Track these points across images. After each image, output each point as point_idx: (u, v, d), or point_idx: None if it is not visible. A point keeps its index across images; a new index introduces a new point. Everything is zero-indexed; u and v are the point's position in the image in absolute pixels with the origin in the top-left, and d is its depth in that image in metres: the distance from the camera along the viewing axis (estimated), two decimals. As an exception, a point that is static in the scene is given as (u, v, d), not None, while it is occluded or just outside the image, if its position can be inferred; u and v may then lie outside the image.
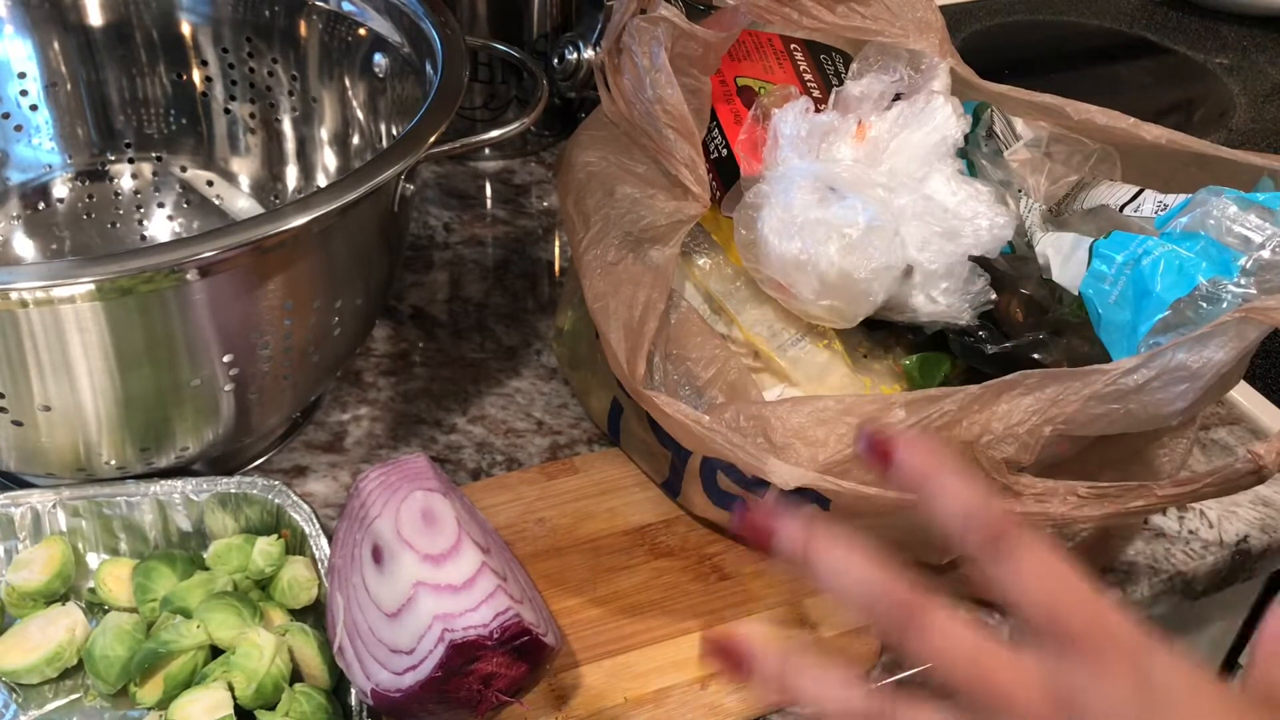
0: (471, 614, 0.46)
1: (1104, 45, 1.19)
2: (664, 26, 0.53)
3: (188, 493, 0.55)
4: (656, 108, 0.54)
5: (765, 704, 0.52)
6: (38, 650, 0.50)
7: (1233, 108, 1.07)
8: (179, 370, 0.50)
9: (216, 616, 0.50)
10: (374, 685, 0.46)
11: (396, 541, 0.50)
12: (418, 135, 0.53)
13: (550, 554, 0.58)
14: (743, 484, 0.56)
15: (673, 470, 0.59)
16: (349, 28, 0.67)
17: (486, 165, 0.90)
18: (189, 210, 0.75)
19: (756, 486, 0.56)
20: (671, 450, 0.58)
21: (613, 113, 0.57)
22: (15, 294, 0.44)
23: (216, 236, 0.46)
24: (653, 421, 0.58)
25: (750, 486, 0.56)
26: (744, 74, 0.64)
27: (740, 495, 0.56)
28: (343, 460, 0.64)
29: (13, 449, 0.53)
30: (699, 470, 0.57)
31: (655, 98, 0.54)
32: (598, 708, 0.51)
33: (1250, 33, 1.21)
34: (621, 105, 0.56)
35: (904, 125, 0.60)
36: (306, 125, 0.72)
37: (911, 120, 0.60)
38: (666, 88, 0.53)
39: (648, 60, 0.54)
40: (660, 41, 0.53)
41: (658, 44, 0.53)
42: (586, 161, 0.59)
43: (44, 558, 0.53)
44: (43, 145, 0.72)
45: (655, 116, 0.54)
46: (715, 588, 0.57)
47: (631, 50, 0.55)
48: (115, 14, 0.70)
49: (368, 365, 0.70)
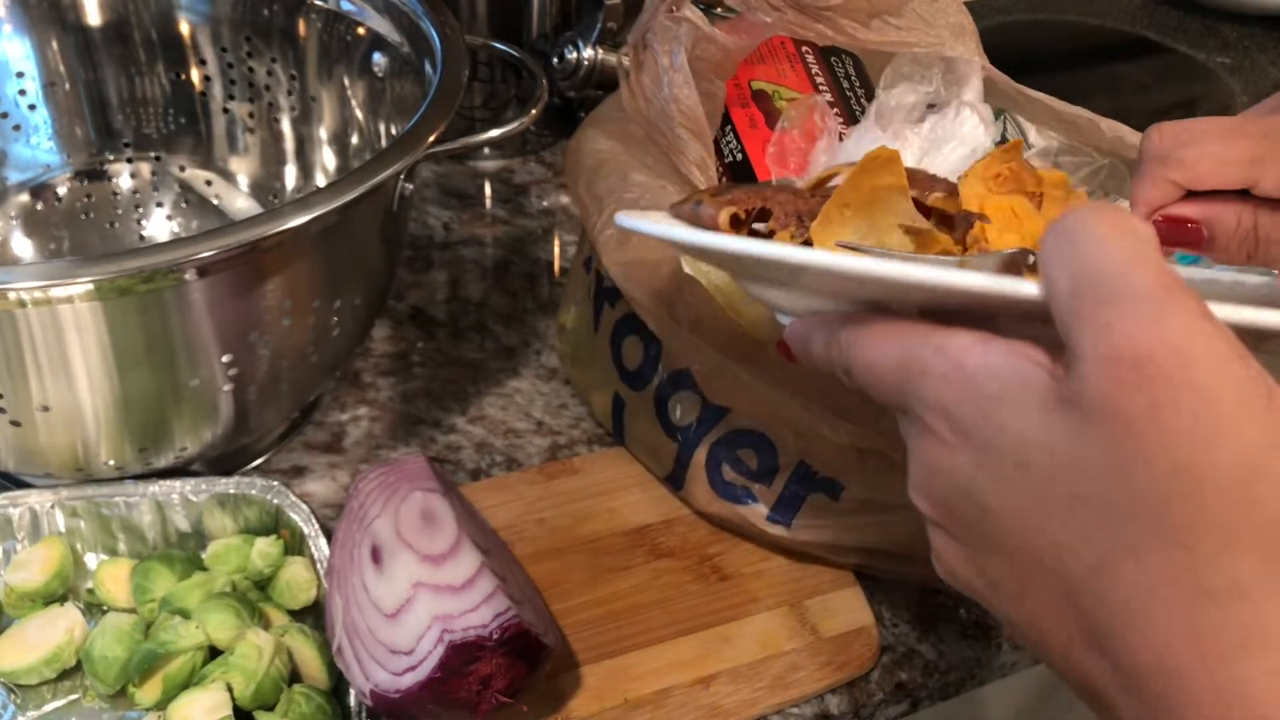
0: (471, 614, 0.46)
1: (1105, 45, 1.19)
2: (686, 28, 0.54)
3: (186, 493, 0.55)
4: (672, 106, 0.54)
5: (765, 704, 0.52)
6: (36, 651, 0.50)
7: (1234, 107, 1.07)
8: (177, 370, 0.50)
9: (215, 617, 0.50)
10: (373, 686, 0.46)
11: (396, 542, 0.49)
12: (417, 134, 0.53)
13: (550, 554, 0.58)
14: (749, 475, 0.56)
15: (677, 463, 0.59)
16: (348, 27, 0.67)
17: (486, 165, 0.90)
18: (188, 210, 0.75)
19: (763, 478, 0.56)
20: (678, 441, 0.58)
21: (631, 106, 0.57)
22: (14, 294, 0.44)
23: (215, 236, 0.46)
24: (659, 412, 0.58)
25: (756, 477, 0.56)
26: (758, 77, 0.65)
27: (745, 486, 0.56)
28: (342, 460, 0.63)
29: (11, 449, 0.53)
30: (705, 462, 0.57)
31: (671, 96, 0.54)
32: (598, 708, 0.51)
33: (1251, 32, 1.21)
34: (640, 100, 0.56)
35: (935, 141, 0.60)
36: (305, 125, 0.72)
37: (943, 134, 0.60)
38: (683, 88, 0.54)
39: (667, 60, 0.54)
40: (681, 42, 0.54)
41: (678, 44, 0.54)
42: (598, 149, 0.60)
43: (42, 558, 0.53)
44: (41, 145, 0.72)
45: (670, 115, 0.55)
46: (715, 588, 0.57)
47: (654, 48, 0.55)
48: (114, 13, 0.70)
49: (367, 365, 0.70)
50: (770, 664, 0.53)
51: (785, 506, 0.56)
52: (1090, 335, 0.28)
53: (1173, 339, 0.27)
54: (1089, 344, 0.28)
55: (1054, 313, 0.29)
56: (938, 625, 0.57)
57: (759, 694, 0.52)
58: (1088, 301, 0.28)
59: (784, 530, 0.56)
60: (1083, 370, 0.28)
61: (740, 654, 0.54)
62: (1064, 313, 0.29)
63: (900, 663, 0.55)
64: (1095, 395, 0.27)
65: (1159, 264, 0.28)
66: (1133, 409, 0.27)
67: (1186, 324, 0.27)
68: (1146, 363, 0.27)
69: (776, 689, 0.52)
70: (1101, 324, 0.27)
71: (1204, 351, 0.27)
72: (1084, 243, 0.29)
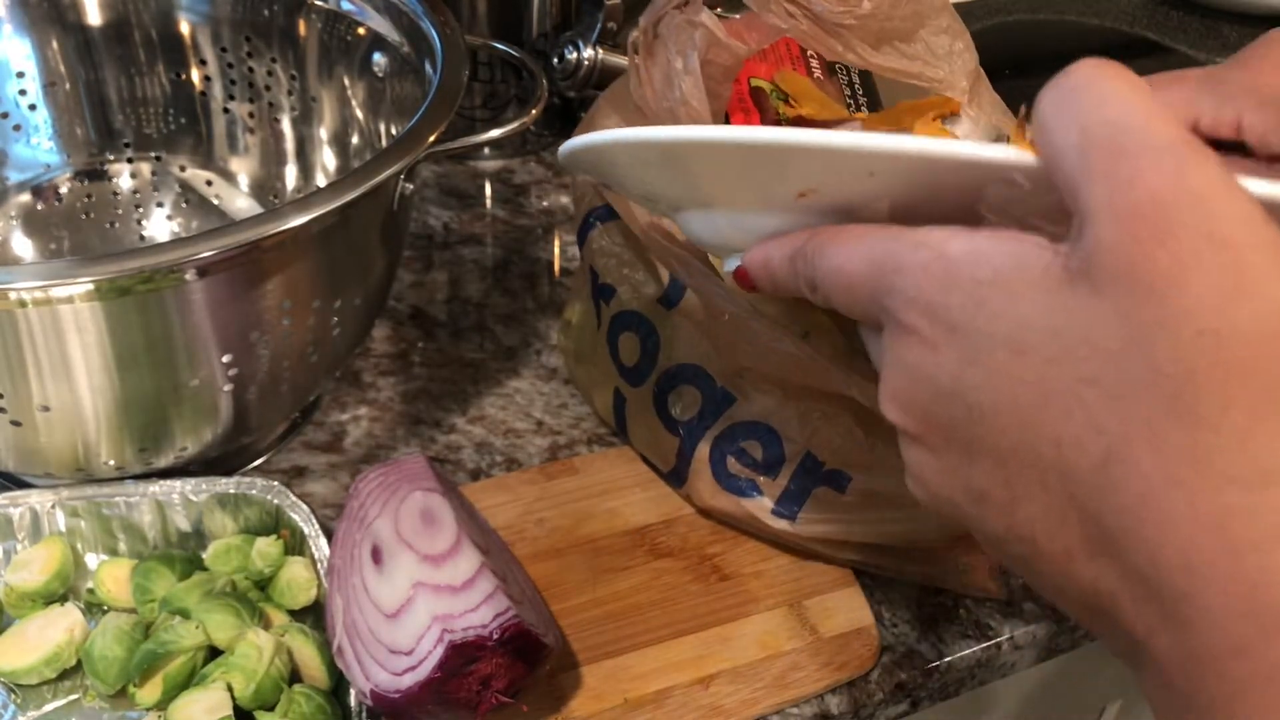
0: (471, 614, 0.46)
1: (1105, 45, 1.19)
2: (701, 32, 0.54)
3: (187, 493, 0.55)
4: (681, 109, 0.54)
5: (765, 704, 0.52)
6: (36, 651, 0.50)
7: (1233, 107, 1.07)
8: (178, 370, 0.50)
9: (215, 617, 0.50)
10: (373, 686, 0.46)
11: (396, 542, 0.49)
12: (417, 134, 0.53)
13: (550, 554, 0.58)
14: (754, 467, 0.56)
15: (679, 457, 0.59)
16: (348, 27, 0.67)
17: (486, 165, 0.90)
18: (188, 210, 0.75)
19: (768, 469, 0.56)
20: (680, 435, 0.58)
21: (638, 96, 0.57)
22: (14, 294, 0.44)
23: (215, 236, 0.46)
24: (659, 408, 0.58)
25: (762, 469, 0.56)
26: (757, 75, 0.65)
27: (750, 479, 0.56)
28: (342, 460, 0.63)
29: (11, 449, 0.53)
30: (708, 455, 0.57)
31: (681, 100, 0.54)
32: (597, 708, 0.51)
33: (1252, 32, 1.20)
34: (648, 91, 0.56)
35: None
36: (305, 125, 0.72)
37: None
38: (694, 92, 0.54)
39: (680, 62, 0.54)
40: (695, 45, 0.54)
41: (692, 47, 0.54)
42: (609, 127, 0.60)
43: (43, 558, 0.53)
44: (41, 145, 0.72)
45: (678, 117, 0.55)
46: (715, 588, 0.57)
47: (666, 44, 0.55)
48: (114, 13, 0.70)
49: (367, 365, 0.70)
50: (770, 664, 0.53)
51: (791, 500, 0.56)
52: (1106, 190, 0.25)
53: (1197, 189, 0.25)
54: (1104, 200, 0.25)
55: (1057, 175, 0.27)
56: (938, 625, 0.57)
57: (759, 694, 0.52)
58: (1103, 154, 0.26)
59: (789, 524, 0.56)
60: (1097, 232, 0.25)
61: (740, 654, 0.54)
62: (1073, 170, 0.26)
63: (900, 663, 0.55)
64: (1110, 258, 0.25)
65: (1176, 119, 0.26)
66: (1153, 268, 0.25)
67: (1211, 175, 0.25)
68: (1170, 214, 0.24)
69: (776, 689, 0.52)
70: (1122, 178, 0.25)
71: (1230, 205, 0.25)
72: (1096, 96, 0.26)
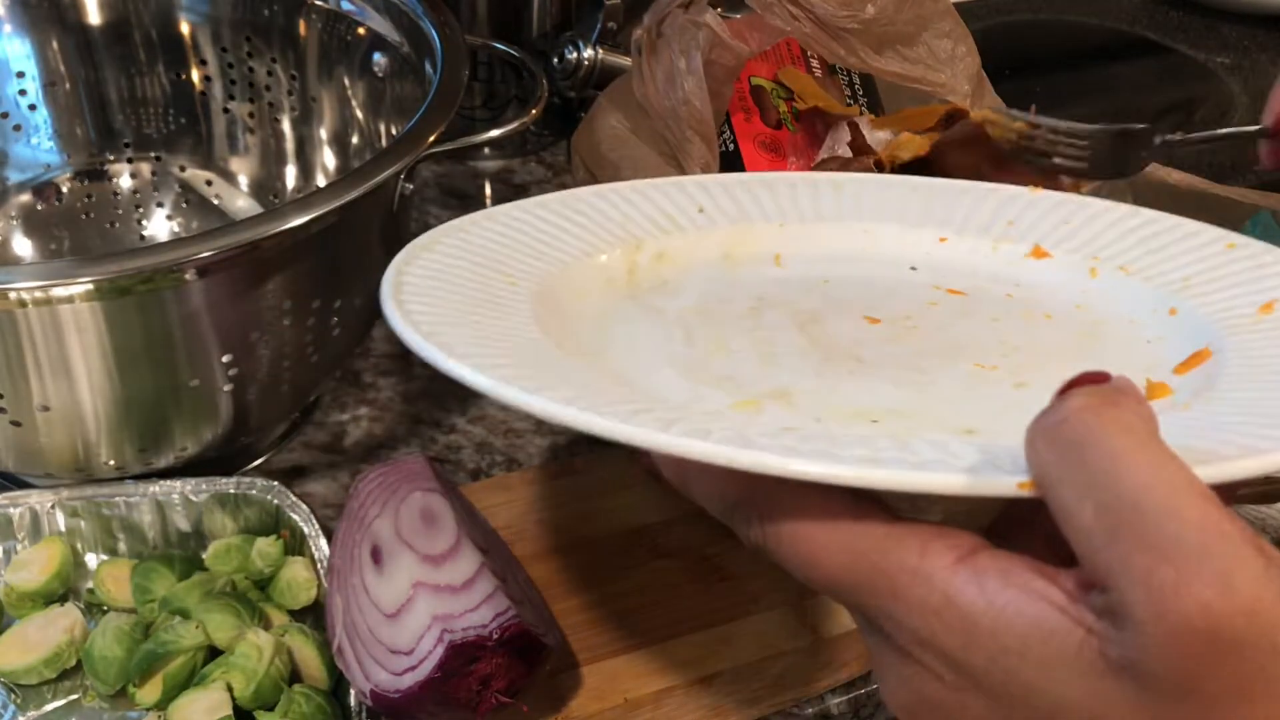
0: (471, 614, 0.46)
1: (1104, 45, 1.19)
2: (705, 33, 0.54)
3: (186, 493, 0.55)
4: (683, 109, 0.54)
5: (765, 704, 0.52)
6: (36, 651, 0.50)
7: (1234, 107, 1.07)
8: (178, 370, 0.50)
9: (215, 617, 0.50)
10: (373, 686, 0.46)
11: (396, 542, 0.49)
12: (417, 134, 0.53)
13: (550, 554, 0.58)
14: None
15: None
16: (348, 27, 0.67)
17: (486, 165, 0.90)
18: (188, 210, 0.75)
19: None
20: None
21: (641, 93, 0.57)
22: (14, 294, 0.44)
23: (215, 236, 0.46)
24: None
25: None
26: (757, 74, 0.65)
27: None
28: (342, 460, 0.63)
29: (11, 449, 0.53)
30: None
31: (684, 99, 0.54)
32: (597, 708, 0.51)
33: (1252, 32, 1.20)
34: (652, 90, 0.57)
35: None
36: (305, 125, 0.72)
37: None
38: (696, 92, 0.54)
39: (684, 62, 0.54)
40: (699, 46, 0.54)
41: (695, 48, 0.54)
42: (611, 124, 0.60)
43: (43, 558, 0.53)
44: (41, 145, 0.72)
45: (680, 116, 0.55)
46: (715, 588, 0.57)
47: (670, 44, 0.55)
48: (114, 13, 0.70)
49: (367, 365, 0.70)
50: (770, 664, 0.53)
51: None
52: (1148, 598, 0.24)
53: (1248, 603, 0.23)
54: (1149, 610, 0.24)
55: (1076, 545, 0.25)
56: (938, 625, 0.57)
57: (759, 694, 0.52)
58: (1128, 546, 0.24)
59: None
60: (1143, 639, 0.24)
61: (740, 654, 0.54)
62: (1097, 553, 0.25)
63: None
64: (1162, 668, 0.24)
65: (1198, 489, 0.25)
66: (1214, 686, 0.24)
67: (1256, 578, 0.24)
68: (1226, 635, 0.23)
69: (776, 689, 0.52)
70: (1161, 586, 0.24)
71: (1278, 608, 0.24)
72: (1104, 457, 0.25)
